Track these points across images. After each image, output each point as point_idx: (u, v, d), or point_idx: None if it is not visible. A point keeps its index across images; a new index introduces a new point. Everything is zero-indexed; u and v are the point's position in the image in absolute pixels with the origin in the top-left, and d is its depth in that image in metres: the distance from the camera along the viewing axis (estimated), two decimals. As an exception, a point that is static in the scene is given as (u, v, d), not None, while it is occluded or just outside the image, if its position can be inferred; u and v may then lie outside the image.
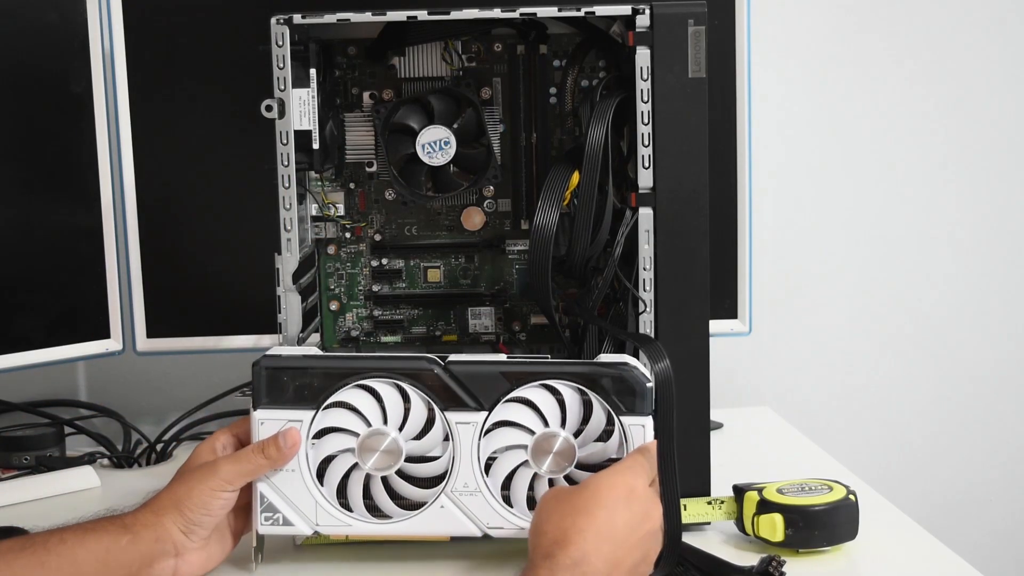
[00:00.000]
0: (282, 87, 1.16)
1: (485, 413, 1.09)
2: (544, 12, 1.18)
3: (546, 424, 1.09)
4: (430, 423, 1.10)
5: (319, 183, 1.29)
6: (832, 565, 1.13)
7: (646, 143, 1.15)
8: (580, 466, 1.09)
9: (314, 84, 1.18)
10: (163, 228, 1.45)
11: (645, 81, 1.15)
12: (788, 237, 1.73)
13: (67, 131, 1.42)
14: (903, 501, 1.30)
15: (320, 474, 1.10)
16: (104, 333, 1.45)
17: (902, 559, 1.16)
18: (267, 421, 1.09)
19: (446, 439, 1.09)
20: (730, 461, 1.27)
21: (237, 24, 1.41)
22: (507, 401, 1.09)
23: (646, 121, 1.15)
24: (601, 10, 1.18)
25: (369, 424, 1.09)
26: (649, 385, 1.09)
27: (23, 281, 1.41)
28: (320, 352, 1.13)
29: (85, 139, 1.42)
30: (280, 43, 1.15)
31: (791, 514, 1.13)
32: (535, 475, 1.09)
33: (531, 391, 1.09)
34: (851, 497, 1.14)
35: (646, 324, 1.17)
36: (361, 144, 1.30)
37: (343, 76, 1.29)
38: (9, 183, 1.39)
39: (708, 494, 1.18)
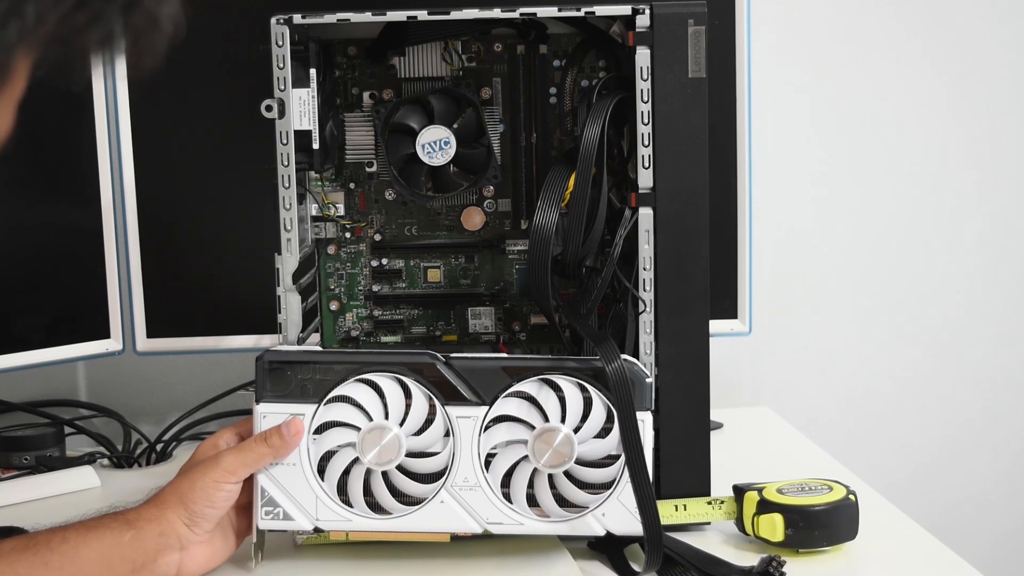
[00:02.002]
0: (282, 87, 1.16)
1: (485, 408, 1.09)
2: (544, 12, 1.18)
3: (546, 419, 1.09)
4: (431, 419, 1.10)
5: (319, 183, 1.29)
6: (832, 565, 1.13)
7: (646, 143, 1.15)
8: (580, 462, 1.09)
9: (314, 84, 1.18)
10: (163, 228, 1.45)
11: (645, 81, 1.15)
12: (788, 237, 1.73)
13: (67, 131, 1.42)
14: (903, 501, 1.30)
15: (321, 469, 1.10)
16: (104, 333, 1.45)
17: (902, 559, 1.16)
18: (269, 415, 1.10)
19: (446, 435, 1.10)
20: (730, 461, 1.27)
21: (237, 24, 1.41)
22: (507, 396, 1.09)
23: (646, 121, 1.15)
24: (601, 10, 1.18)
25: (371, 419, 1.09)
26: (648, 380, 1.09)
27: (23, 281, 1.41)
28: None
29: (85, 139, 1.42)
30: (280, 43, 1.15)
31: (791, 514, 1.13)
32: (535, 471, 1.09)
33: (531, 386, 1.10)
34: (851, 497, 1.14)
35: (646, 324, 1.17)
36: (361, 144, 1.30)
37: (343, 76, 1.29)
38: (9, 183, 1.39)
39: (708, 494, 1.18)
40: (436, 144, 1.23)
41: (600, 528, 1.10)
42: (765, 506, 1.14)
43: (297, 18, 1.16)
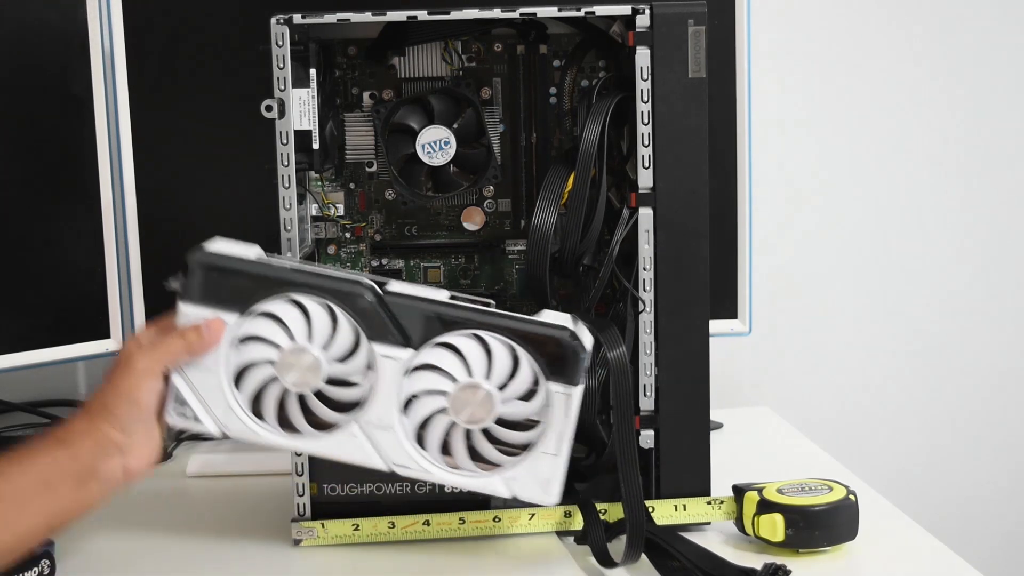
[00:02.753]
0: (282, 87, 1.16)
1: (412, 352, 1.06)
2: (544, 12, 1.18)
3: (471, 374, 1.06)
4: (355, 350, 1.06)
5: (319, 183, 1.29)
6: (832, 565, 1.13)
7: (646, 143, 1.15)
8: (500, 422, 1.06)
9: (314, 84, 1.18)
10: (163, 228, 1.45)
11: (645, 81, 1.15)
12: (788, 237, 1.73)
13: (67, 131, 1.42)
14: (903, 501, 1.30)
15: (238, 380, 1.07)
16: (104, 333, 1.45)
17: (902, 559, 1.16)
18: (192, 316, 1.07)
19: (368, 367, 1.06)
20: (730, 461, 1.27)
21: (237, 24, 1.41)
22: (436, 345, 1.06)
23: (646, 121, 1.15)
24: (601, 10, 1.18)
25: (293, 340, 1.06)
26: (583, 355, 1.04)
27: (23, 281, 1.41)
28: (263, 255, 1.10)
29: (85, 139, 1.42)
30: (280, 43, 1.15)
31: (791, 514, 1.13)
32: (453, 423, 1.06)
33: (461, 339, 1.06)
34: (851, 497, 1.14)
35: (646, 324, 1.17)
36: (361, 144, 1.30)
37: (343, 76, 1.29)
38: (9, 183, 1.40)
39: (708, 494, 1.18)
40: (436, 144, 1.23)
41: (506, 491, 1.06)
42: (765, 506, 1.14)
43: (297, 18, 1.16)
